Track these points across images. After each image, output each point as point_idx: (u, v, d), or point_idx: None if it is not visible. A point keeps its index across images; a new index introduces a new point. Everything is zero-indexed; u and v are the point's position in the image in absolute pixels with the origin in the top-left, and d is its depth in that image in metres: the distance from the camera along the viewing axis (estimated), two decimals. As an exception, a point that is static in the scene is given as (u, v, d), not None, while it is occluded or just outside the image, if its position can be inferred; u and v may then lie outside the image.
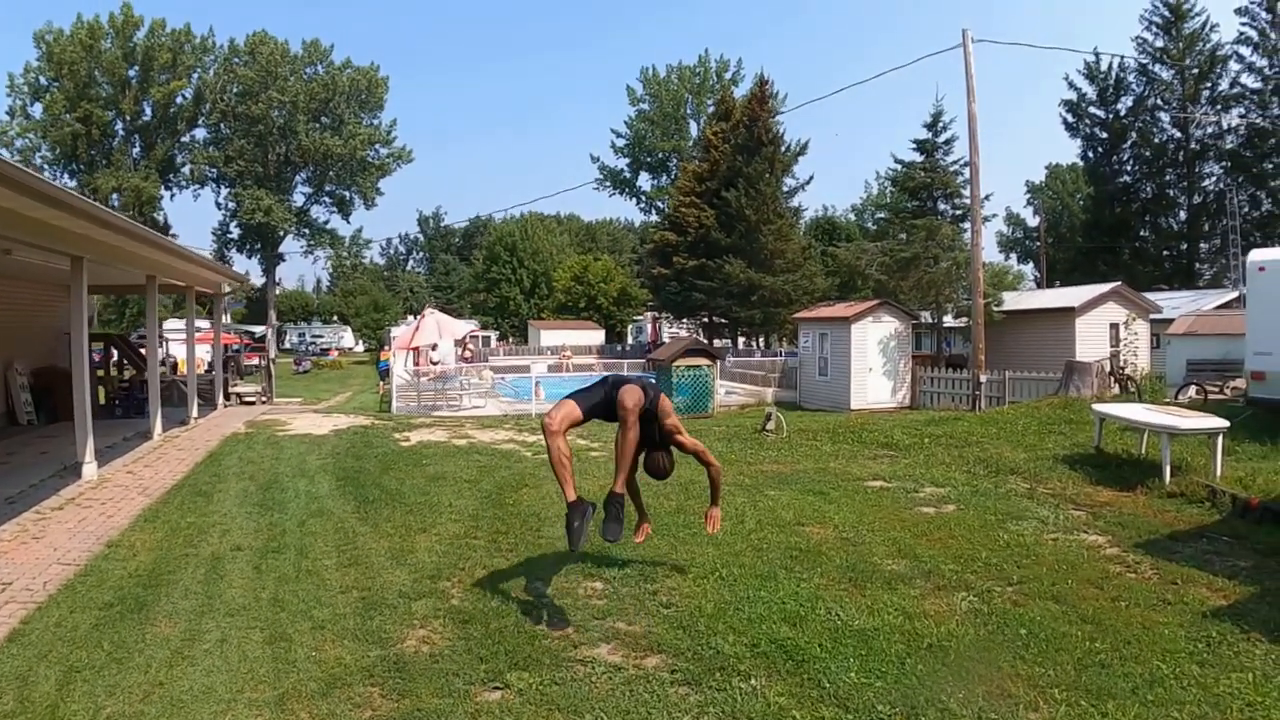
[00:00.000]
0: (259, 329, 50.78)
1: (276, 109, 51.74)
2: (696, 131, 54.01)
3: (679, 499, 6.89)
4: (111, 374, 16.28)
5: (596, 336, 47.57)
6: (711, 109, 47.49)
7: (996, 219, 58.46)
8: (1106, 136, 44.57)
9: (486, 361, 32.29)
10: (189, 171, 53.72)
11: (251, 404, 16.99)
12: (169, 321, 33.25)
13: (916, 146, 25.05)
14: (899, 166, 27.09)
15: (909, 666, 3.71)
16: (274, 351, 31.13)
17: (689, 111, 57.15)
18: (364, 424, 12.59)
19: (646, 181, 59.18)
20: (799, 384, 22.11)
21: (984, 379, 17.24)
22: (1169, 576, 4.96)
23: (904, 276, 22.39)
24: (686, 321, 40.13)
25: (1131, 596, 4.59)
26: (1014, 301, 22.78)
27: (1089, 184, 48.67)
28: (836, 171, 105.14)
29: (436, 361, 23.21)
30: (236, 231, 55.22)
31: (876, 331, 19.97)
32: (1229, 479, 7.15)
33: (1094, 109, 45.06)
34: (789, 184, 37.04)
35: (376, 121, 56.21)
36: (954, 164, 24.22)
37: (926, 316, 23.29)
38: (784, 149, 36.00)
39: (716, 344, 36.07)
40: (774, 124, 35.46)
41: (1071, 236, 49.37)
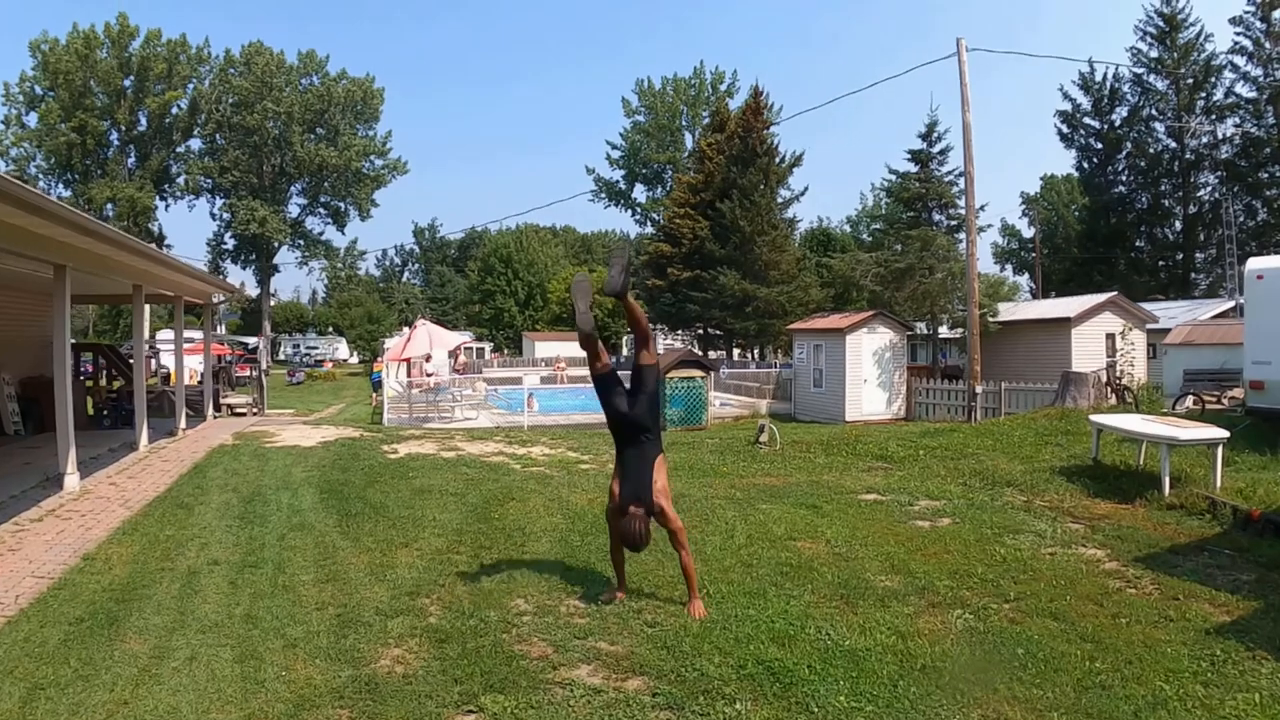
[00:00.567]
0: (252, 340, 50.60)
1: (272, 120, 51.83)
2: (691, 143, 54.17)
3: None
4: (100, 384, 16.11)
5: (591, 348, 47.34)
6: (706, 120, 47.65)
7: (991, 230, 58.16)
8: (1101, 147, 44.79)
9: (480, 374, 32.10)
10: (184, 182, 53.87)
11: (242, 415, 16.84)
12: (162, 332, 33.06)
13: (911, 157, 25.13)
14: (894, 177, 27.20)
15: (901, 689, 3.57)
16: (267, 363, 30.92)
17: (684, 123, 57.48)
18: (352, 436, 12.41)
19: (641, 193, 59.50)
20: (793, 396, 22.02)
21: (979, 390, 17.17)
22: (1170, 592, 4.82)
23: (899, 287, 22.38)
24: (681, 333, 40.07)
25: (1132, 613, 4.45)
26: (1009, 312, 22.74)
27: (1084, 194, 48.93)
28: (832, 183, 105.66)
29: (431, 373, 23.07)
30: (231, 242, 55.34)
31: (871, 343, 19.90)
32: (1229, 490, 7.02)
33: (1089, 120, 45.34)
34: (784, 195, 37.06)
35: (372, 133, 56.40)
36: (949, 174, 24.31)
37: (922, 327, 23.28)
38: (779, 160, 36.04)
39: (711, 355, 36.01)
40: (769, 135, 35.50)
41: (1067, 247, 49.47)
